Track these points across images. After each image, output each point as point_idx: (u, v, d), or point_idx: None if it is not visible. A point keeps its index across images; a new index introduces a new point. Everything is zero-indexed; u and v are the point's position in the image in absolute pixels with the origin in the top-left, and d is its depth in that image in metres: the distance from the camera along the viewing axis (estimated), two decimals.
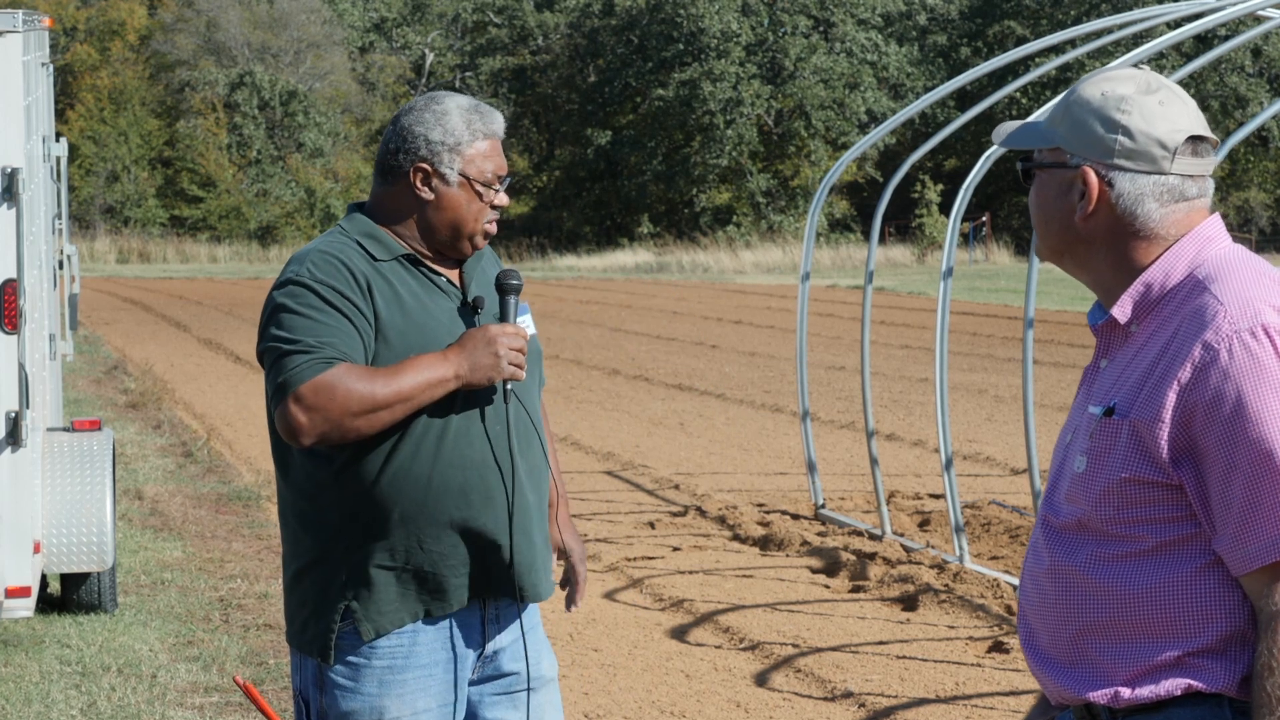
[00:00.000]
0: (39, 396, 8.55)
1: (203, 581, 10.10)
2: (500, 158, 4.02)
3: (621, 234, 65.30)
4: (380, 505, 3.90)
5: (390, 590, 3.92)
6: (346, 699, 3.95)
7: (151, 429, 16.47)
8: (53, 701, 7.67)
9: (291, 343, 3.84)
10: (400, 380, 3.82)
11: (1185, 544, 2.88)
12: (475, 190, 3.99)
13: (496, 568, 3.97)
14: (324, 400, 3.79)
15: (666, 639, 9.02)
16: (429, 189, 3.98)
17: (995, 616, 9.30)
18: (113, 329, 29.01)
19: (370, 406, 3.80)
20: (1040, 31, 62.08)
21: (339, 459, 3.91)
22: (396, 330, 3.91)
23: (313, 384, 3.80)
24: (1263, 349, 2.82)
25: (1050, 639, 2.99)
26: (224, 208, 64.98)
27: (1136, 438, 2.89)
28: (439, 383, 3.85)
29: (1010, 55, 11.35)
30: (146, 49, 70.10)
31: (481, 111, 4.01)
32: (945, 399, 10.79)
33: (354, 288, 3.89)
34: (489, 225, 4.03)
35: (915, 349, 25.19)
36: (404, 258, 3.98)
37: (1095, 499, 2.93)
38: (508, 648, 4.06)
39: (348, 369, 3.82)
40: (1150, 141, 2.95)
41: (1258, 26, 11.23)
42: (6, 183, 7.87)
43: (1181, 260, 2.96)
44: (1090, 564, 2.93)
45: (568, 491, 4.52)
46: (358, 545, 3.92)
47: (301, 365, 3.82)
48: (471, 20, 72.98)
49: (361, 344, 3.87)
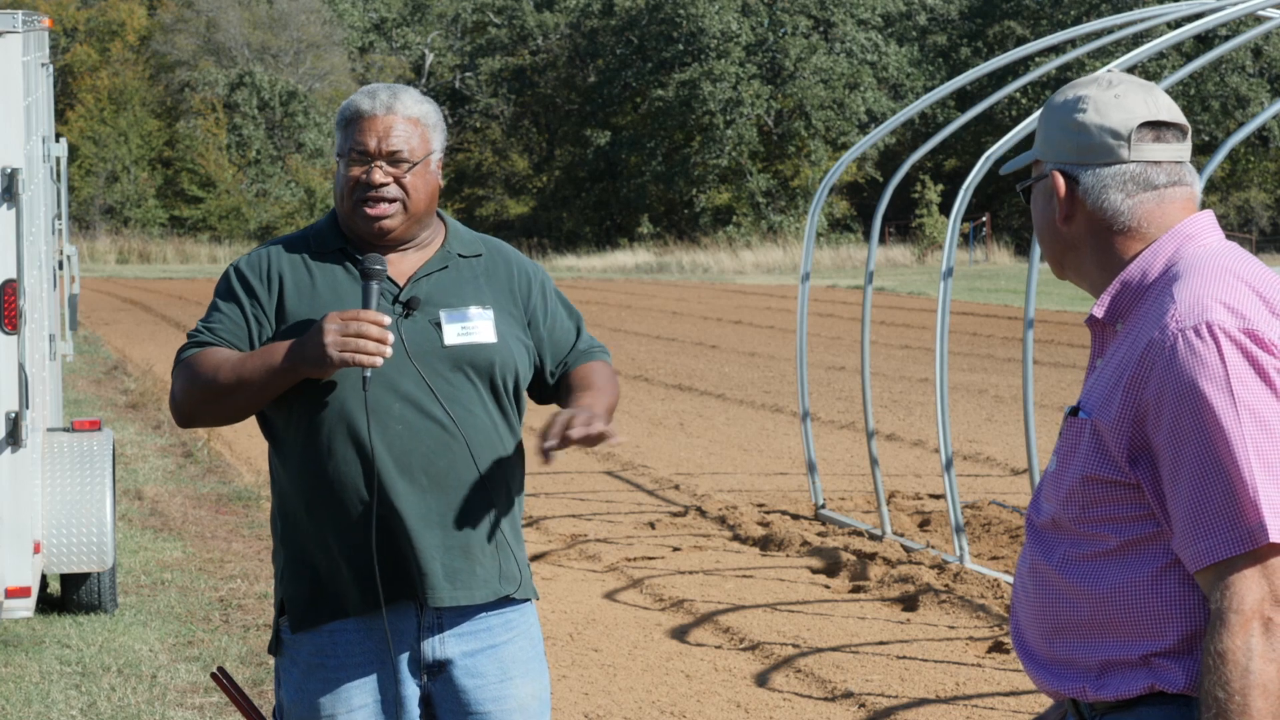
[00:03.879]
0: (39, 397, 8.55)
1: (203, 582, 10.10)
2: (367, 135, 3.95)
3: (621, 234, 65.29)
4: (293, 499, 3.97)
5: (306, 587, 3.96)
6: (287, 691, 4.03)
7: (151, 429, 16.47)
8: (53, 702, 7.66)
9: (195, 328, 4.02)
10: (242, 366, 3.89)
11: (1147, 544, 2.89)
12: (340, 163, 4.02)
13: (395, 568, 3.92)
14: (183, 381, 3.95)
15: (666, 639, 9.02)
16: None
17: (995, 617, 9.30)
18: (113, 329, 29.01)
19: (213, 388, 3.90)
20: (1040, 31, 62.09)
21: (274, 452, 4.01)
22: (301, 323, 3.94)
23: (182, 363, 3.96)
24: (1206, 346, 2.82)
25: (1034, 636, 3.02)
26: (224, 208, 64.98)
27: (1097, 437, 2.91)
28: (277, 369, 3.86)
29: (1010, 55, 11.35)
30: (146, 49, 70.10)
31: (364, 91, 4.01)
32: (945, 399, 10.79)
33: (261, 278, 3.98)
34: (363, 204, 3.96)
35: (915, 349, 25.18)
36: (338, 252, 4.01)
37: (1063, 498, 2.96)
38: (458, 661, 3.98)
39: (210, 353, 3.93)
40: (1103, 133, 2.98)
41: (1258, 26, 11.23)
42: (6, 183, 7.87)
43: (1159, 258, 2.98)
44: (1062, 563, 2.96)
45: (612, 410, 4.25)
46: (286, 541, 4.00)
47: (186, 346, 4.00)
48: (471, 20, 72.97)
49: (248, 332, 3.95)
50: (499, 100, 70.81)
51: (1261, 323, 2.84)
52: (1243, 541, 2.78)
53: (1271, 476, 2.79)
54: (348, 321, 3.82)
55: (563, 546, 11.33)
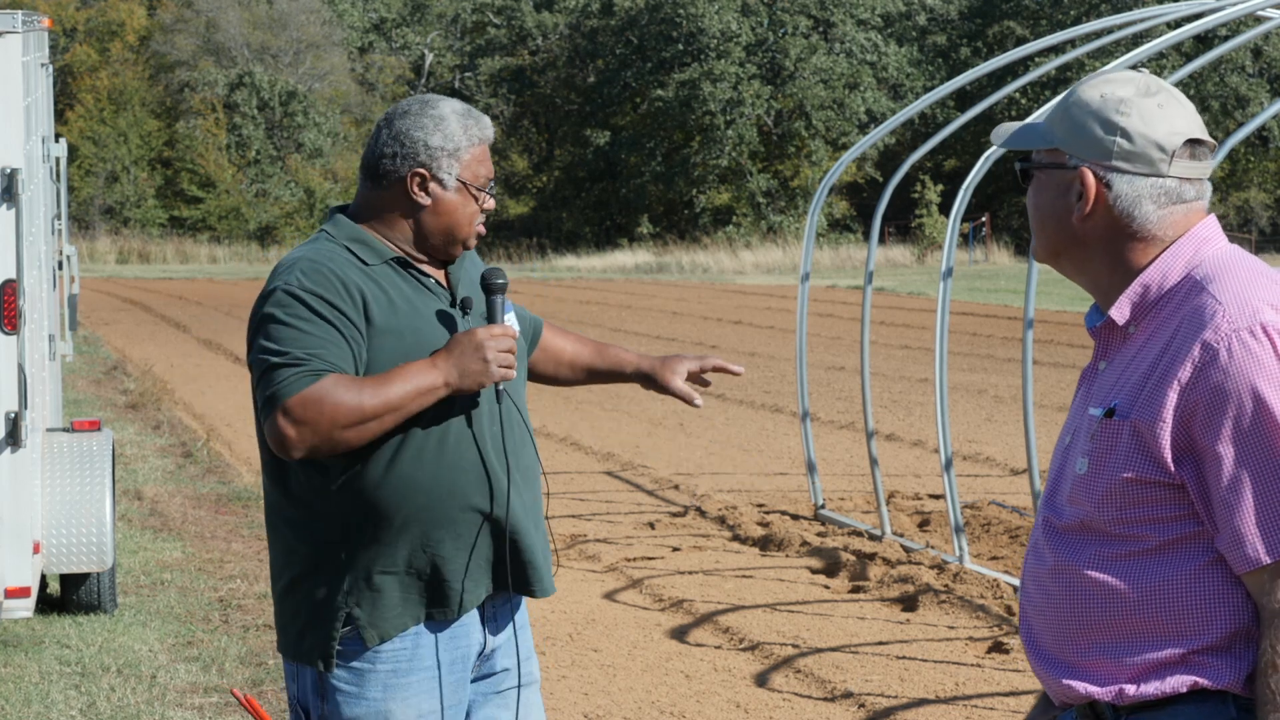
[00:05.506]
0: (38, 397, 8.54)
1: (202, 582, 10.10)
2: (490, 162, 4.05)
3: (621, 234, 65.29)
4: (383, 512, 3.88)
5: (394, 595, 3.91)
6: (350, 705, 3.92)
7: (151, 429, 16.47)
8: (52, 702, 7.66)
9: (280, 354, 3.82)
10: (388, 390, 3.81)
11: (1188, 542, 2.89)
12: (471, 194, 4.00)
13: (497, 567, 3.98)
14: (312, 414, 3.77)
15: (666, 639, 9.02)
16: (425, 194, 3.97)
17: (995, 617, 9.30)
18: (112, 329, 29.01)
19: (358, 418, 3.79)
20: (1040, 32, 62.09)
21: (339, 468, 3.89)
22: (392, 335, 3.90)
23: (300, 397, 3.77)
24: (1262, 347, 2.83)
25: (1054, 639, 3.00)
26: (223, 208, 64.97)
27: (1138, 438, 2.89)
28: (428, 390, 3.84)
29: (1010, 55, 11.35)
30: (146, 49, 70.10)
31: (475, 117, 4.02)
32: (945, 399, 10.79)
33: (344, 297, 3.87)
34: (479, 228, 4.05)
35: (915, 349, 25.19)
36: (394, 261, 3.98)
37: (1098, 500, 2.93)
38: (501, 646, 4.08)
39: (335, 380, 3.80)
40: (1148, 144, 2.95)
41: (1258, 27, 11.23)
42: (6, 183, 7.86)
43: (1179, 261, 2.97)
44: (1094, 563, 2.94)
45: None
46: (359, 552, 3.90)
47: (290, 378, 3.79)
48: (471, 21, 72.98)
49: (351, 354, 3.85)
50: (499, 100, 70.81)
51: None
52: None
53: None
54: (499, 338, 3.89)
55: (563, 546, 11.33)
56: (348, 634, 3.92)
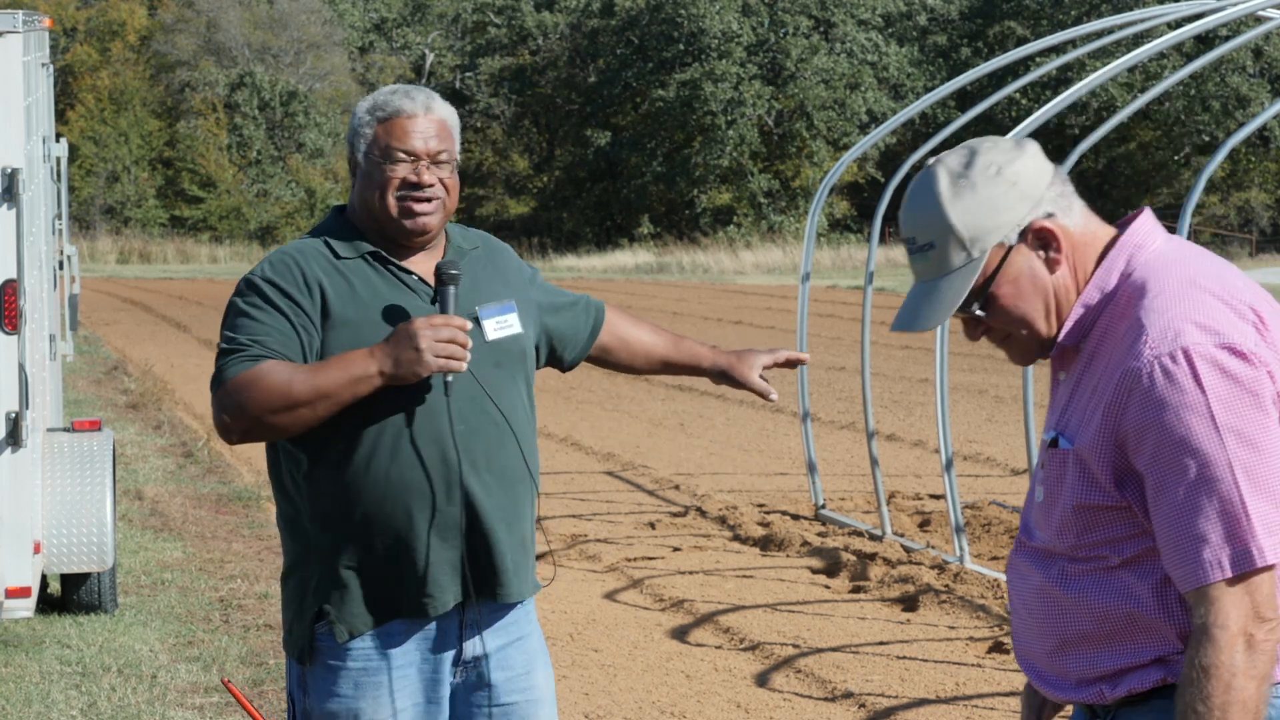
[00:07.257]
0: (39, 397, 8.54)
1: (203, 582, 10.10)
2: (412, 135, 3.95)
3: (622, 234, 65.27)
4: (345, 505, 3.90)
5: (360, 592, 3.93)
6: (325, 700, 3.96)
7: (151, 429, 16.47)
8: (53, 702, 7.67)
9: (229, 340, 3.90)
10: (319, 377, 3.82)
11: (1149, 557, 2.93)
12: (375, 163, 3.96)
13: (461, 568, 3.94)
14: (243, 397, 3.82)
15: (667, 639, 9.02)
16: (354, 175, 4.03)
17: (995, 617, 9.30)
18: (113, 329, 29.01)
19: (286, 403, 3.80)
20: (1040, 32, 62.07)
21: (305, 460, 3.92)
22: (349, 327, 3.90)
23: (235, 381, 3.84)
24: (1182, 373, 2.84)
25: (1039, 652, 3.07)
26: (224, 208, 64.96)
27: (1081, 465, 2.94)
28: (362, 378, 3.82)
29: (1010, 55, 11.35)
30: (147, 49, 70.09)
31: (397, 91, 4.00)
32: (945, 399, 10.79)
33: (299, 287, 3.91)
34: (410, 204, 3.96)
35: (915, 349, 25.19)
36: (369, 255, 3.98)
37: (1056, 528, 2.99)
38: (492, 655, 4.02)
39: (272, 366, 3.83)
40: (1029, 181, 3.00)
41: (1258, 27, 11.23)
42: (6, 183, 7.87)
43: (1114, 273, 3.00)
44: (1061, 579, 2.99)
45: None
46: (329, 547, 3.93)
47: (230, 362, 3.87)
48: (471, 20, 72.97)
49: (300, 342, 3.88)
50: (499, 100, 70.81)
51: (1235, 333, 2.86)
52: (1233, 565, 2.82)
53: (1260, 493, 2.82)
54: (439, 328, 3.83)
55: (563, 546, 11.33)
56: (321, 629, 3.96)
